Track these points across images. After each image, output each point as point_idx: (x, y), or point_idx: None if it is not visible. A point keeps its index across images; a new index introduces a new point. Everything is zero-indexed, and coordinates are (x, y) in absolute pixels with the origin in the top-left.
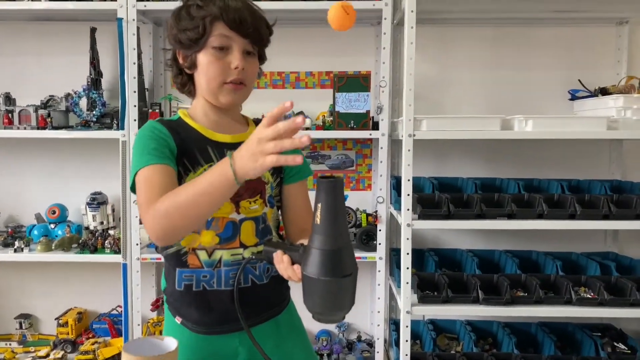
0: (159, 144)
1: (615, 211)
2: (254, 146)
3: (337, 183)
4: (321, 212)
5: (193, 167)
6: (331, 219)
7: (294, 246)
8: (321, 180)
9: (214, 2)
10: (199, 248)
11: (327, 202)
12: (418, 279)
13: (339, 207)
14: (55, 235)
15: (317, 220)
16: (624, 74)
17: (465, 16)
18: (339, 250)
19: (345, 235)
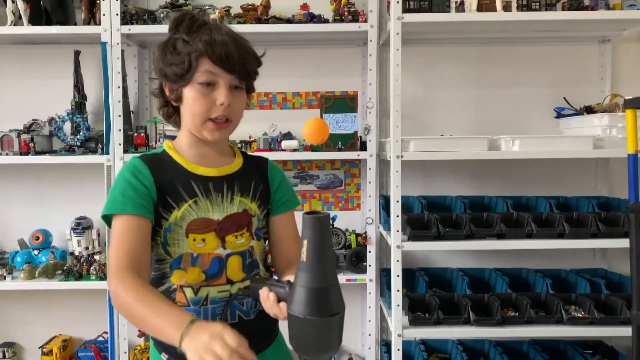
0: (138, 191)
1: (604, 229)
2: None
3: (324, 220)
4: (307, 250)
5: (177, 204)
6: (318, 257)
7: (280, 283)
8: (307, 217)
9: (200, 37)
10: (186, 285)
11: (314, 239)
12: (409, 300)
13: (326, 244)
14: (39, 261)
15: (303, 257)
16: (608, 91)
17: (450, 36)
18: (326, 289)
19: (332, 273)
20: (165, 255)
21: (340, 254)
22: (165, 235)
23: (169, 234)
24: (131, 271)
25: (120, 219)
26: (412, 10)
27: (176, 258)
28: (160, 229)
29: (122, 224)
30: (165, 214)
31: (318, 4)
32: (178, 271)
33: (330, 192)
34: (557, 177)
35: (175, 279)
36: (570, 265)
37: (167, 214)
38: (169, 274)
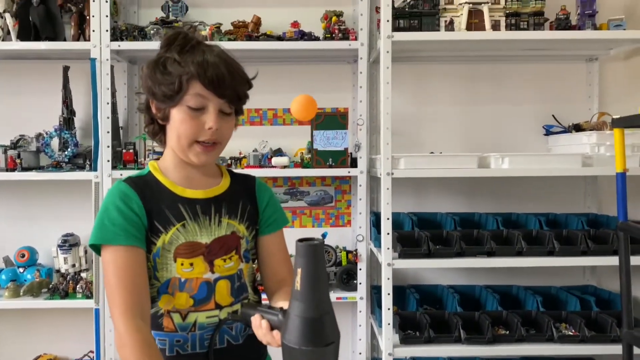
0: (130, 220)
1: (593, 247)
2: None
3: (317, 247)
4: (301, 279)
5: (165, 228)
6: (312, 285)
7: (272, 309)
8: (300, 245)
9: (192, 59)
10: (173, 311)
11: (307, 267)
12: (400, 318)
13: (320, 273)
14: (24, 279)
15: (297, 286)
16: (595, 108)
17: (440, 54)
18: (321, 318)
19: (326, 302)
20: (154, 280)
21: (330, 271)
22: (154, 260)
23: (157, 259)
24: (137, 314)
25: (113, 250)
26: (402, 29)
27: (164, 282)
28: (149, 254)
29: (117, 256)
30: (153, 239)
31: (309, 21)
32: (166, 296)
33: (320, 208)
34: (547, 193)
35: (163, 303)
36: (560, 282)
37: (155, 238)
38: (157, 299)
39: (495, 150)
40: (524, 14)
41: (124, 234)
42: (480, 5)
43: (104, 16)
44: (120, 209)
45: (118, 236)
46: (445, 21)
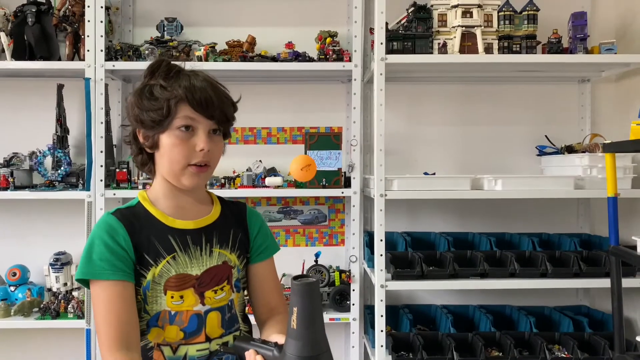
0: (117, 254)
1: (585, 269)
2: None
3: (313, 286)
4: (297, 318)
5: (154, 261)
6: (308, 325)
7: (267, 344)
8: (295, 284)
9: (178, 83)
10: (164, 344)
11: (303, 306)
12: (393, 339)
13: (316, 312)
14: (15, 298)
15: (293, 325)
16: (588, 129)
17: (434, 75)
18: (317, 357)
19: (323, 341)
20: (144, 313)
21: (324, 291)
22: (145, 293)
23: (148, 291)
24: (123, 347)
25: (100, 285)
26: (396, 51)
27: (153, 315)
28: (139, 288)
29: (104, 291)
30: (143, 272)
31: (303, 42)
32: (155, 329)
33: (314, 227)
34: (540, 214)
35: (152, 336)
36: (553, 302)
37: (145, 271)
38: (146, 332)
39: (489, 170)
40: (517, 36)
41: (110, 268)
42: (473, 29)
43: (98, 36)
44: (106, 243)
45: (105, 271)
46: (439, 44)
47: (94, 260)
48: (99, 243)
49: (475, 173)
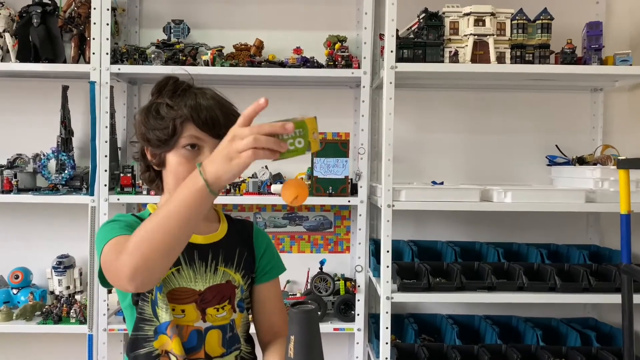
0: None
1: (595, 284)
2: (226, 146)
3: (311, 314)
4: (294, 346)
5: None
6: (306, 354)
7: None
8: (293, 312)
9: (184, 102)
10: (172, 353)
11: (301, 335)
12: (397, 351)
13: (314, 340)
14: (17, 301)
15: (291, 354)
16: (599, 139)
17: (444, 82)
18: None
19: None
20: (153, 316)
21: (328, 300)
22: (156, 294)
23: (159, 294)
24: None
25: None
26: (406, 59)
27: (163, 323)
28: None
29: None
30: None
31: (311, 46)
32: (163, 336)
33: (319, 234)
34: (549, 225)
35: (159, 344)
36: (561, 314)
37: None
38: (153, 338)
39: (497, 180)
40: (530, 46)
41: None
42: (485, 37)
43: (104, 39)
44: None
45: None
46: (450, 52)
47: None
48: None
49: (484, 182)
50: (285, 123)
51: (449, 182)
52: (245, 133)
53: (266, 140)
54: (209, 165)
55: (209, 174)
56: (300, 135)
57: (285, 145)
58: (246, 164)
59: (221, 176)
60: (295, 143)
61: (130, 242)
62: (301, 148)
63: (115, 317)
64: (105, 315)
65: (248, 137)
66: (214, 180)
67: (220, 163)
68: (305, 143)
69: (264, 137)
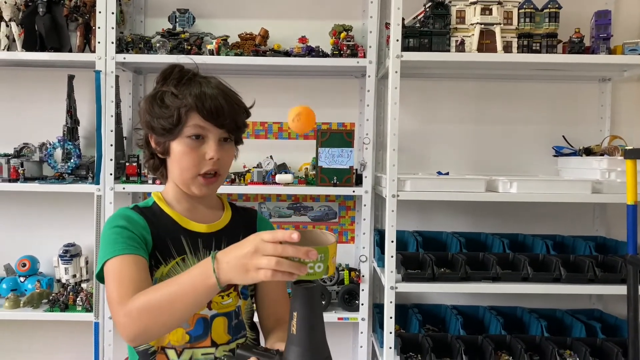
0: (132, 235)
1: (601, 275)
2: (248, 257)
3: (314, 291)
4: (297, 323)
5: (165, 260)
6: (308, 330)
7: (269, 352)
8: (296, 288)
9: (189, 91)
10: (168, 347)
11: (303, 312)
12: (401, 340)
13: (317, 317)
14: (24, 289)
15: (293, 330)
16: (607, 130)
17: (450, 72)
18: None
19: (323, 347)
20: None
21: (332, 290)
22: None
23: None
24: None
25: (111, 261)
26: (412, 48)
27: None
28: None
29: (116, 262)
30: (152, 269)
31: (317, 35)
32: None
33: (324, 224)
34: (555, 216)
35: (155, 340)
36: (566, 305)
37: (154, 269)
38: None
39: (503, 170)
40: (537, 35)
41: (127, 244)
42: (492, 26)
43: (109, 28)
44: (125, 226)
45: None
46: (456, 41)
47: (111, 244)
48: (116, 229)
49: (490, 172)
50: (309, 250)
51: (455, 173)
52: (269, 251)
53: (288, 265)
54: (225, 265)
55: (222, 275)
56: (321, 260)
57: (305, 269)
58: (261, 280)
59: (232, 280)
60: (315, 267)
61: (135, 305)
62: (319, 273)
63: None
64: None
65: (271, 258)
66: (225, 281)
67: (236, 271)
68: (324, 268)
69: (286, 262)
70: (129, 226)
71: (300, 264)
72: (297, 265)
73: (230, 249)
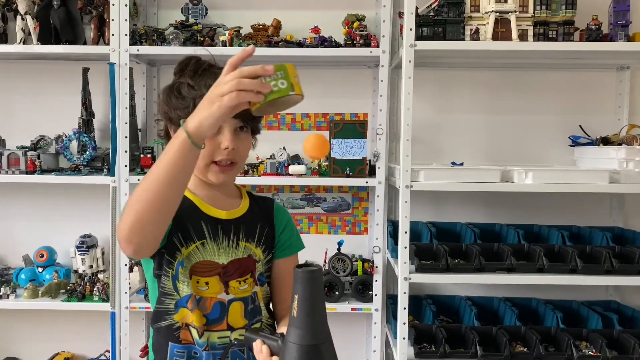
0: None
1: (618, 266)
2: (211, 92)
3: (315, 274)
4: (298, 305)
5: (185, 243)
6: (308, 313)
7: (273, 335)
8: (297, 271)
9: (205, 82)
10: (192, 325)
11: (304, 294)
12: (415, 331)
13: (317, 300)
14: (42, 279)
15: (294, 312)
16: (625, 119)
17: (464, 61)
18: (317, 347)
19: (323, 329)
20: (173, 290)
21: (346, 281)
22: (177, 270)
23: (181, 268)
24: None
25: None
26: (426, 37)
27: (184, 297)
28: (174, 261)
29: None
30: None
31: (329, 25)
32: (184, 309)
33: (337, 215)
34: (571, 206)
35: (180, 317)
36: (582, 297)
37: (174, 252)
38: (173, 311)
39: (519, 161)
40: (553, 22)
41: None
42: (507, 14)
43: (123, 20)
44: None
45: None
46: (471, 30)
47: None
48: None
49: (505, 163)
50: (264, 66)
51: (469, 163)
52: (228, 78)
53: (249, 82)
54: (191, 117)
55: (190, 125)
56: (282, 77)
57: (268, 86)
58: (228, 107)
59: (202, 122)
60: (279, 84)
61: (127, 204)
62: (284, 89)
63: (137, 295)
64: (127, 294)
65: (232, 82)
66: (195, 129)
67: (203, 110)
68: (287, 84)
69: (246, 80)
70: None
71: (262, 83)
72: (259, 83)
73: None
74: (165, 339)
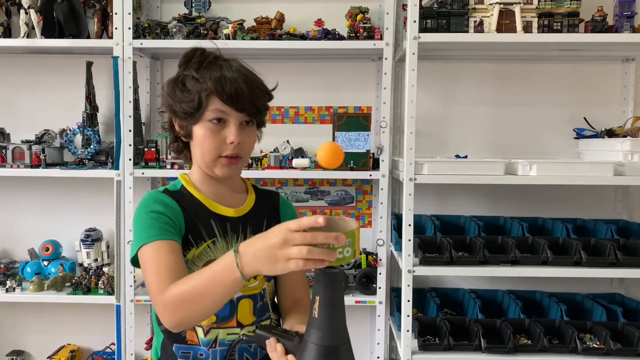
0: (168, 220)
1: (622, 259)
2: (277, 248)
3: (337, 276)
4: (319, 306)
5: (196, 243)
6: (329, 314)
7: (288, 334)
8: (319, 272)
9: (209, 75)
10: (198, 325)
11: (326, 295)
12: (419, 324)
13: (338, 301)
14: (48, 272)
15: (315, 314)
16: (630, 111)
17: (468, 53)
18: (337, 348)
19: (343, 331)
20: None
21: (350, 274)
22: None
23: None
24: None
25: (148, 247)
26: (430, 29)
27: None
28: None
29: (150, 250)
30: (184, 251)
31: (333, 18)
32: None
33: (341, 208)
34: (575, 199)
35: None
36: (586, 289)
37: (185, 251)
38: None
39: (523, 153)
40: (558, 14)
41: (163, 229)
42: (511, 6)
43: (126, 13)
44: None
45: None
46: (475, 22)
47: (146, 229)
48: (151, 214)
49: (509, 156)
50: (338, 235)
51: (473, 156)
52: (298, 240)
53: (319, 252)
54: (250, 259)
55: (246, 268)
56: (349, 245)
57: (334, 255)
58: (291, 270)
59: (260, 271)
60: (344, 252)
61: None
62: (348, 257)
63: (142, 289)
64: (132, 287)
65: (302, 247)
66: (251, 274)
67: (264, 262)
68: (352, 252)
69: (317, 250)
70: (166, 211)
71: (330, 250)
72: (327, 252)
73: (254, 240)
74: (171, 340)
